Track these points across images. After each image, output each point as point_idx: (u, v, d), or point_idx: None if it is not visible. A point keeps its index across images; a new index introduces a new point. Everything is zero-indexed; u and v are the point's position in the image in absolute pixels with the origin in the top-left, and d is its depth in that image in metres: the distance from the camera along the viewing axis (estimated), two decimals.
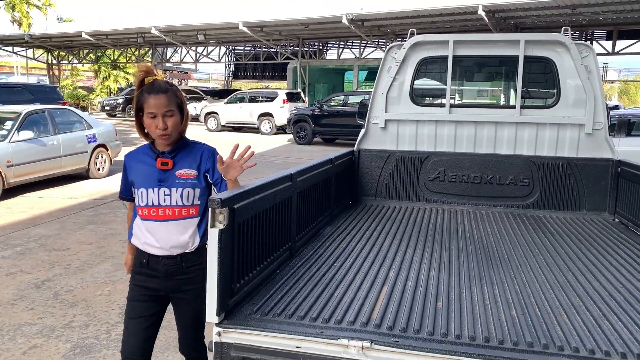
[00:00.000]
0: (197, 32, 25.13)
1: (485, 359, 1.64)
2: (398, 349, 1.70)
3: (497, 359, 1.64)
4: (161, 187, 2.24)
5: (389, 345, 1.71)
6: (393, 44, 4.20)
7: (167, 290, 2.27)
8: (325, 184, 3.32)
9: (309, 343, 1.75)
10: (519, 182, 4.03)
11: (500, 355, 1.65)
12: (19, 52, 34.18)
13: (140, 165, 2.29)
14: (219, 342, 1.80)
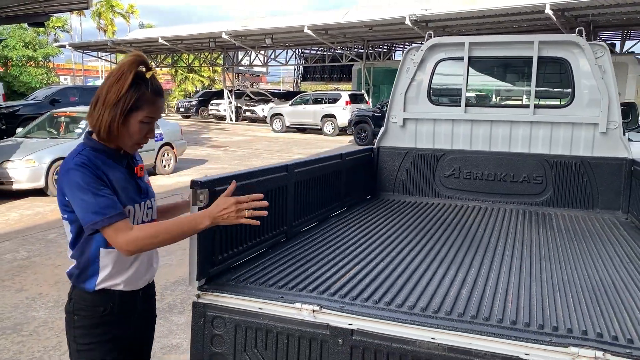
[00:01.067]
0: (265, 36, 25.91)
1: (416, 324, 1.86)
2: (343, 313, 1.95)
3: (431, 325, 1.85)
4: (144, 199, 1.91)
5: (335, 310, 1.97)
6: (412, 46, 4.40)
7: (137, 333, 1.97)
8: (333, 176, 3.59)
9: (269, 305, 2.05)
10: (532, 180, 4.12)
11: (437, 324, 1.85)
12: (103, 57, 36.48)
13: (114, 174, 1.81)
14: (197, 302, 2.12)
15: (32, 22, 15.09)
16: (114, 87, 1.76)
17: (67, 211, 1.78)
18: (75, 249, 1.83)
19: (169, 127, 12.50)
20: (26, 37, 33.83)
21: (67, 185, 1.72)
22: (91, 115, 1.82)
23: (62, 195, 1.76)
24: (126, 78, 1.76)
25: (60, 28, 42.41)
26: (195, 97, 36.61)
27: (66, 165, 1.76)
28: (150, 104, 1.82)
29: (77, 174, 1.71)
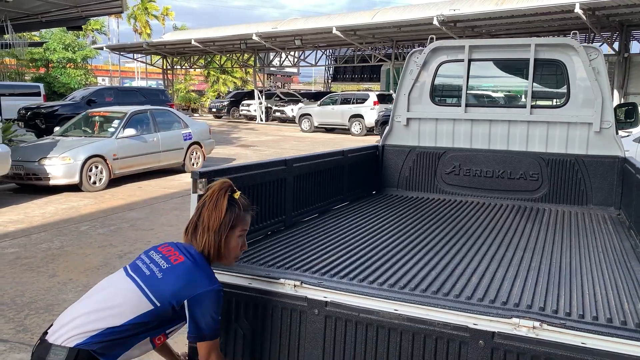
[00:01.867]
0: (294, 37, 26.31)
1: (382, 298, 2.12)
2: (320, 287, 2.22)
3: (395, 299, 2.10)
4: None
5: (314, 285, 2.24)
6: (415, 49, 4.63)
7: None
8: (335, 171, 3.86)
9: (257, 282, 2.33)
10: (529, 177, 4.30)
11: (400, 298, 2.10)
12: (138, 58, 37.53)
13: None
14: None
15: (70, 26, 15.81)
16: (213, 214, 2.05)
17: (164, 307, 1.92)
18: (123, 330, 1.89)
19: (197, 127, 12.96)
20: (66, 40, 35.03)
21: (208, 303, 1.94)
22: (196, 240, 2.07)
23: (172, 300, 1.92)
24: (222, 204, 2.05)
25: (98, 30, 43.78)
26: (226, 97, 37.29)
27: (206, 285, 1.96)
28: (243, 220, 2.12)
29: (220, 297, 1.99)
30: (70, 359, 1.82)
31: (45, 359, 1.83)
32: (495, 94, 4.68)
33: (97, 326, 1.87)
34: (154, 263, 2.00)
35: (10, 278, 5.16)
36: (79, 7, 12.95)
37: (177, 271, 1.96)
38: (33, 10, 12.94)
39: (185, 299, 1.92)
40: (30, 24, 14.17)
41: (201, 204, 2.09)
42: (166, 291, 1.93)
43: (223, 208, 2.04)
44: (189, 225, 2.09)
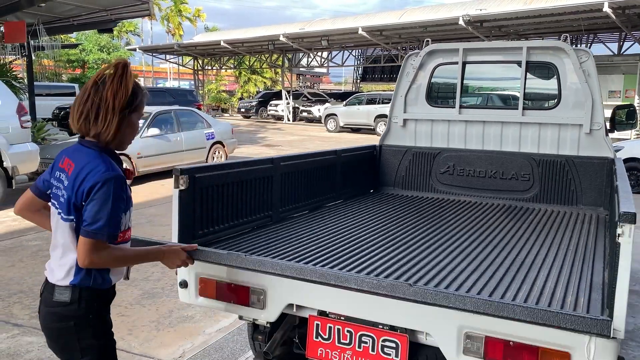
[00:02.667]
0: (321, 38, 26.52)
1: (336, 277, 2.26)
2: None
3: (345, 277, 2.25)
4: (131, 206, 2.07)
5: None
6: (411, 52, 4.75)
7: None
8: (326, 170, 4.02)
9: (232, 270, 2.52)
10: (520, 177, 4.38)
11: (349, 277, 2.26)
12: (170, 59, 38.32)
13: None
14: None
15: (101, 29, 16.36)
16: (119, 92, 1.90)
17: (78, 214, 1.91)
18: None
19: (220, 126, 13.27)
20: (101, 42, 36.12)
21: (101, 191, 1.84)
22: (95, 125, 1.91)
23: (79, 197, 1.88)
24: (129, 83, 1.92)
25: (132, 32, 44.86)
26: (255, 98, 37.77)
27: (102, 172, 1.87)
28: (142, 102, 2.01)
29: (114, 186, 1.86)
30: (75, 295, 1.93)
31: (53, 298, 1.95)
32: (488, 96, 4.76)
33: (71, 262, 1.94)
34: (61, 183, 1.96)
35: (30, 268, 5.49)
36: (109, 11, 13.44)
37: (71, 180, 1.91)
38: (65, 14, 13.49)
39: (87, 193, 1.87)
40: (63, 27, 14.74)
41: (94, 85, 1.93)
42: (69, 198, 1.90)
43: (129, 87, 1.93)
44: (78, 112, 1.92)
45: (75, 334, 1.96)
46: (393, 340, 2.29)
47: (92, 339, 1.98)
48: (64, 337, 1.98)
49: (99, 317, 2.00)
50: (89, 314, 1.96)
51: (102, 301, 2.02)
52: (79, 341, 1.97)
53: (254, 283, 2.51)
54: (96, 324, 1.99)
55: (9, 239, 6.58)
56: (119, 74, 1.93)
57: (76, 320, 1.95)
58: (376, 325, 2.33)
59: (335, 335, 2.40)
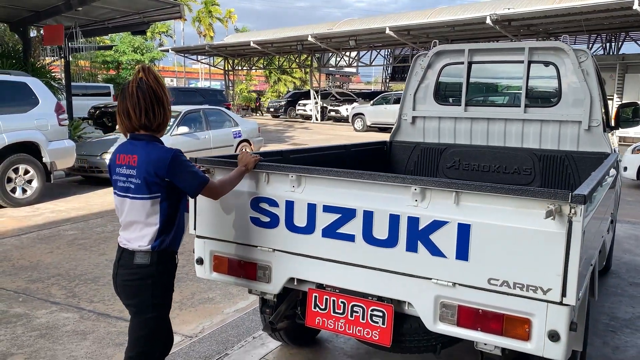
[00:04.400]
0: (349, 38, 26.80)
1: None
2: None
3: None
4: None
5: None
6: (420, 52, 5.01)
7: None
8: (335, 164, 4.29)
9: (241, 247, 2.85)
10: (522, 171, 4.60)
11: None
12: (202, 60, 39.12)
13: None
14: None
15: (135, 31, 16.97)
16: (165, 89, 2.40)
17: (162, 191, 2.34)
18: (166, 220, 2.38)
19: (247, 125, 13.69)
20: (135, 43, 37.05)
21: (179, 166, 2.32)
22: (151, 119, 2.35)
23: (155, 177, 2.30)
24: (160, 80, 2.40)
25: (164, 33, 45.86)
26: (284, 97, 38.25)
27: (167, 154, 2.31)
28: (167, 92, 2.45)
29: (181, 157, 2.34)
30: (154, 259, 2.36)
31: (134, 262, 2.37)
32: (493, 94, 4.98)
33: (151, 233, 2.37)
34: (126, 175, 2.36)
35: (67, 255, 5.94)
36: (141, 14, 13.98)
37: (142, 167, 2.31)
38: (100, 17, 14.09)
39: (163, 175, 2.31)
40: (98, 30, 15.37)
41: (135, 89, 2.32)
42: (150, 181, 2.31)
43: (163, 82, 2.41)
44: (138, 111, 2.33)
45: (151, 291, 2.38)
46: (380, 310, 2.58)
47: (161, 297, 2.43)
48: (141, 294, 2.39)
49: (170, 276, 2.47)
50: (164, 274, 2.42)
51: (174, 262, 2.48)
52: (152, 297, 2.39)
53: (261, 259, 2.83)
54: (167, 282, 2.45)
55: (47, 229, 7.08)
56: (153, 75, 2.37)
57: (153, 279, 2.38)
58: (366, 297, 2.62)
59: (330, 306, 2.71)
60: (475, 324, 2.32)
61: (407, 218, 2.40)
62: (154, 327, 2.45)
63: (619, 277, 5.44)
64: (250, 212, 2.81)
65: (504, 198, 2.23)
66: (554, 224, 2.11)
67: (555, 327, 2.16)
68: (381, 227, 2.47)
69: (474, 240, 2.26)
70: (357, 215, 2.53)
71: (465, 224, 2.27)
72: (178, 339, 3.91)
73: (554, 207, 2.09)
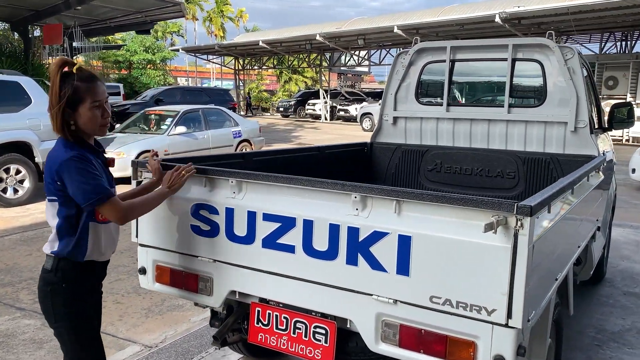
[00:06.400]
0: (358, 37, 26.55)
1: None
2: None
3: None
4: (112, 188, 2.29)
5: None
6: (401, 50, 4.80)
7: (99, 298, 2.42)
8: (309, 166, 4.11)
9: (184, 257, 2.67)
10: (506, 175, 4.36)
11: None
12: (213, 59, 39.11)
13: (97, 164, 2.22)
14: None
15: (139, 30, 16.93)
16: (52, 92, 2.13)
17: (59, 195, 2.15)
18: (64, 227, 2.19)
19: (248, 125, 13.54)
20: (146, 42, 37.11)
21: (67, 172, 2.07)
22: (51, 121, 2.17)
23: (53, 180, 2.12)
24: (55, 81, 2.12)
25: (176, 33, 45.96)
26: (294, 97, 38.12)
27: (61, 157, 2.10)
28: (88, 91, 2.14)
29: (75, 163, 2.08)
30: (54, 264, 2.20)
31: (43, 265, 2.26)
32: (476, 94, 4.75)
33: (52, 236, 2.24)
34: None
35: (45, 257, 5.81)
36: (142, 12, 13.93)
37: (46, 164, 2.21)
38: (101, 17, 14.06)
39: (55, 177, 2.12)
40: (100, 29, 15.34)
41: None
42: (48, 183, 2.18)
43: (57, 83, 2.11)
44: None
45: (50, 299, 2.21)
46: (323, 327, 2.39)
47: (62, 306, 2.20)
48: (43, 301, 2.25)
49: (73, 286, 2.21)
50: (62, 283, 2.19)
51: (78, 273, 2.22)
52: (52, 306, 2.22)
53: (202, 270, 2.65)
54: (68, 292, 2.20)
55: (32, 230, 6.98)
56: (52, 76, 2.16)
57: (52, 287, 2.20)
58: (310, 313, 2.43)
59: (273, 322, 2.52)
60: (418, 345, 2.12)
61: (347, 228, 2.21)
62: (66, 339, 2.27)
63: (613, 286, 5.18)
64: (191, 219, 2.63)
65: (447, 208, 2.03)
66: (498, 237, 1.90)
67: (501, 351, 1.95)
68: (321, 237, 2.28)
69: (415, 254, 2.06)
70: (297, 225, 2.34)
71: (406, 235, 2.07)
72: (137, 349, 3.77)
73: (498, 218, 1.88)
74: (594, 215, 3.76)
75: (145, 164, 2.77)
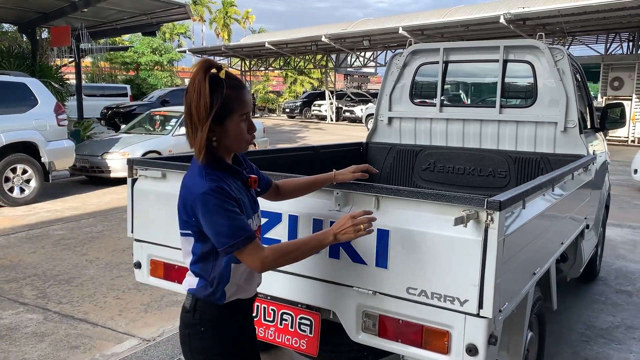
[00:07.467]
0: (363, 38, 26.64)
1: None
2: None
3: None
4: (256, 211, 1.95)
5: None
6: (396, 52, 4.89)
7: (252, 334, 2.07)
8: (303, 165, 4.21)
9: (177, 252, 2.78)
10: (497, 174, 4.45)
11: None
12: (219, 61, 39.30)
13: (237, 190, 1.82)
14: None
15: (145, 32, 17.08)
16: (199, 103, 1.70)
17: (194, 230, 1.79)
18: (201, 266, 1.84)
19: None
20: (153, 44, 37.37)
21: (202, 208, 1.70)
22: (190, 137, 1.77)
23: (188, 214, 1.77)
24: (204, 89, 1.70)
25: (183, 34, 46.22)
26: (300, 98, 38.26)
27: (197, 189, 1.73)
28: (237, 101, 1.78)
29: (212, 198, 1.69)
30: (193, 304, 1.86)
31: (184, 303, 1.92)
32: (468, 94, 4.83)
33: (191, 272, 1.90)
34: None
35: (49, 255, 5.95)
36: (148, 14, 14.06)
37: (180, 193, 1.83)
38: (108, 19, 14.21)
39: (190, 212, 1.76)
40: (107, 31, 15.51)
41: (185, 93, 1.77)
42: (181, 215, 1.81)
43: (206, 91, 1.70)
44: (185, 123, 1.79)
45: (189, 345, 1.88)
46: (308, 318, 2.49)
47: (201, 353, 1.86)
48: (182, 345, 1.92)
49: (214, 331, 1.86)
50: (200, 326, 1.85)
51: (222, 315, 1.87)
52: (191, 352, 1.88)
53: None
54: (207, 337, 1.85)
55: (38, 228, 7.12)
56: (197, 82, 1.72)
57: (190, 330, 1.87)
58: (296, 305, 2.53)
59: (261, 313, 2.62)
60: (396, 335, 2.21)
61: (330, 223, 2.30)
62: None
63: (607, 284, 5.24)
64: None
65: (422, 203, 2.12)
66: (470, 231, 1.99)
67: (473, 340, 2.04)
68: (306, 232, 2.38)
69: (393, 247, 2.16)
70: (283, 220, 2.45)
71: (385, 229, 2.17)
72: (135, 342, 3.88)
73: (468, 213, 1.97)
74: (581, 214, 3.83)
75: (140, 163, 2.88)
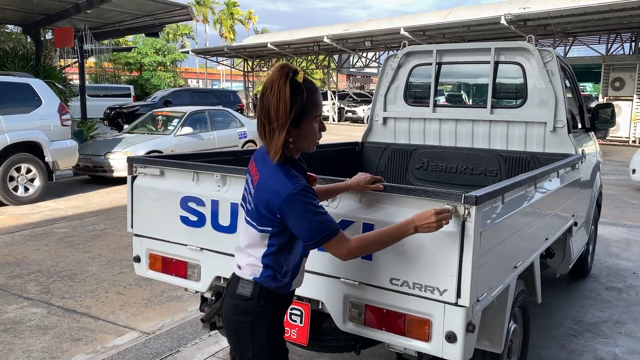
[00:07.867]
0: (365, 39, 26.76)
1: None
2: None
3: None
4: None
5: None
6: (390, 53, 5.01)
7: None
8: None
9: (174, 245, 2.90)
10: (488, 172, 4.56)
11: None
12: (222, 61, 39.49)
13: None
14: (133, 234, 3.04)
15: (148, 33, 17.24)
16: (279, 107, 1.78)
17: (274, 225, 1.88)
18: (273, 258, 1.93)
19: (253, 125, 13.76)
20: (157, 45, 37.59)
21: (294, 207, 1.79)
22: (266, 139, 1.86)
23: (272, 213, 1.84)
24: (285, 93, 1.78)
25: (186, 35, 46.42)
26: None
27: (285, 189, 1.80)
28: (313, 104, 1.89)
29: (302, 197, 1.79)
30: (256, 291, 1.93)
31: (236, 291, 1.97)
32: (461, 95, 4.94)
33: (256, 262, 1.95)
34: (248, 190, 2.00)
35: (53, 252, 6.09)
36: (151, 16, 14.21)
37: (258, 192, 1.90)
38: (111, 20, 14.37)
39: (276, 211, 1.84)
40: (111, 32, 15.67)
41: (260, 95, 1.87)
42: (260, 213, 1.88)
43: (287, 95, 1.79)
44: (258, 125, 1.89)
45: (250, 331, 1.94)
46: (298, 309, 2.61)
47: (264, 340, 1.95)
48: (239, 332, 1.97)
49: (275, 318, 1.99)
50: (265, 313, 1.94)
51: (281, 304, 2.01)
52: (252, 339, 1.94)
53: (190, 258, 2.88)
54: (271, 325, 1.96)
55: (42, 227, 7.26)
56: (278, 85, 1.81)
57: (253, 317, 1.93)
58: None
59: None
60: (380, 324, 2.33)
61: None
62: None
63: (597, 281, 5.34)
64: (180, 211, 2.86)
65: (404, 198, 2.24)
66: (450, 224, 2.11)
67: (452, 328, 2.15)
68: None
69: None
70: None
71: (369, 223, 2.28)
72: (135, 335, 4.00)
73: (449, 207, 2.09)
74: (568, 211, 3.93)
75: (139, 161, 3.01)
